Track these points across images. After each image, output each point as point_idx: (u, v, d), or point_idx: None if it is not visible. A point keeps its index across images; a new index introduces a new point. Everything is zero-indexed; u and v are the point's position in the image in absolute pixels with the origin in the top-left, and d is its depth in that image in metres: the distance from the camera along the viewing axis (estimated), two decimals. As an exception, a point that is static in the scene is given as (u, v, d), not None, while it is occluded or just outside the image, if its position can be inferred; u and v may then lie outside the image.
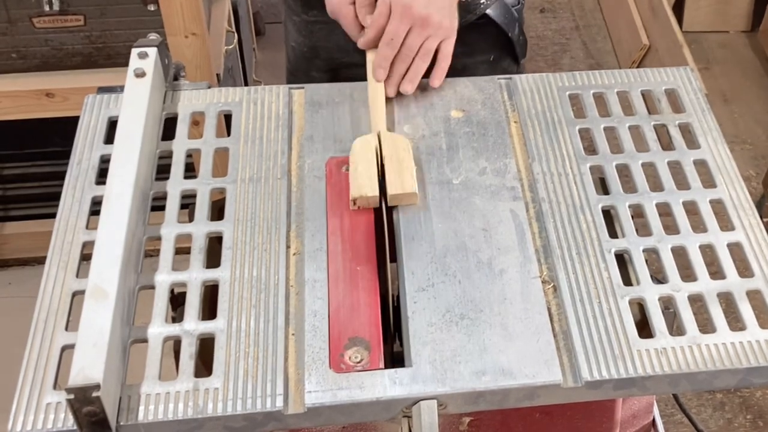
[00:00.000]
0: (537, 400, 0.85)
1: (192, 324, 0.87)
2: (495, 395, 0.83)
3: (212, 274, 0.91)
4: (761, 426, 2.03)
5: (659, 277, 0.93)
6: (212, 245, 0.95)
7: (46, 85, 1.88)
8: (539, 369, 0.83)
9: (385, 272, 0.92)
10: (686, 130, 1.09)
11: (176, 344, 0.86)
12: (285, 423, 0.82)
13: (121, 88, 1.05)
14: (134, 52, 1.05)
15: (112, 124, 1.03)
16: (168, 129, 1.06)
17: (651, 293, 0.90)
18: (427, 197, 0.99)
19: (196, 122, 1.08)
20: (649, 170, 1.03)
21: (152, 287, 0.90)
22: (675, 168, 1.04)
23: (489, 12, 1.30)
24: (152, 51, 1.06)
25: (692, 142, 1.07)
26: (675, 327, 0.89)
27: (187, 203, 0.99)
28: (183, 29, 1.80)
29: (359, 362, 0.84)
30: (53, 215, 0.96)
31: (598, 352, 0.85)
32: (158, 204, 0.98)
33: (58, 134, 1.97)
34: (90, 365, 0.76)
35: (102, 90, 1.09)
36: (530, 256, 0.93)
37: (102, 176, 0.98)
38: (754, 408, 2.07)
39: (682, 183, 1.02)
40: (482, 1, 1.28)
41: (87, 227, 0.94)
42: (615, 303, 0.89)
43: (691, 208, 0.99)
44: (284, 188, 0.99)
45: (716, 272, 0.93)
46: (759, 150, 2.75)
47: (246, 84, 2.52)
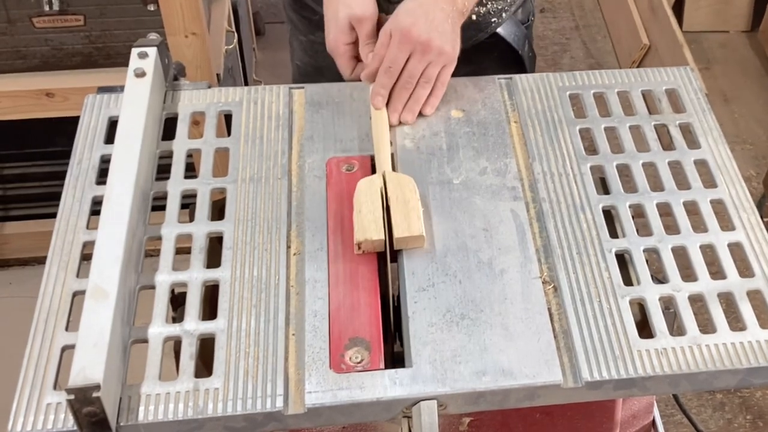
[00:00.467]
0: (537, 401, 0.85)
1: (192, 324, 0.87)
2: (495, 395, 0.83)
3: (213, 274, 0.91)
4: (761, 426, 2.03)
5: (660, 277, 0.93)
6: (213, 245, 0.95)
7: (46, 85, 1.88)
8: (539, 369, 0.83)
9: (386, 272, 0.92)
10: (687, 130, 1.09)
11: (176, 344, 0.86)
12: (285, 423, 0.82)
13: (121, 88, 1.05)
14: (134, 52, 1.05)
15: (113, 124, 1.03)
16: (168, 129, 1.06)
17: (651, 293, 0.90)
18: (428, 197, 0.99)
19: (197, 122, 1.08)
20: (650, 170, 1.03)
21: (152, 287, 0.90)
22: (675, 168, 1.04)
23: (500, 31, 1.26)
24: (152, 51, 1.06)
25: (693, 142, 1.07)
26: (675, 327, 0.89)
27: (188, 203, 0.99)
28: (183, 29, 1.79)
29: (359, 362, 0.84)
30: (54, 215, 0.96)
31: (599, 353, 0.85)
32: (158, 204, 0.98)
33: (59, 134, 1.97)
34: (90, 365, 0.76)
35: (102, 90, 1.09)
36: (531, 256, 0.93)
37: (102, 176, 0.98)
38: (754, 408, 2.06)
39: (683, 183, 1.02)
40: (494, 20, 1.24)
41: (87, 227, 0.94)
42: (615, 303, 0.89)
43: (692, 208, 0.99)
44: (285, 188, 0.99)
45: (717, 272, 0.93)
46: (759, 150, 2.75)
47: (246, 84, 2.52)
